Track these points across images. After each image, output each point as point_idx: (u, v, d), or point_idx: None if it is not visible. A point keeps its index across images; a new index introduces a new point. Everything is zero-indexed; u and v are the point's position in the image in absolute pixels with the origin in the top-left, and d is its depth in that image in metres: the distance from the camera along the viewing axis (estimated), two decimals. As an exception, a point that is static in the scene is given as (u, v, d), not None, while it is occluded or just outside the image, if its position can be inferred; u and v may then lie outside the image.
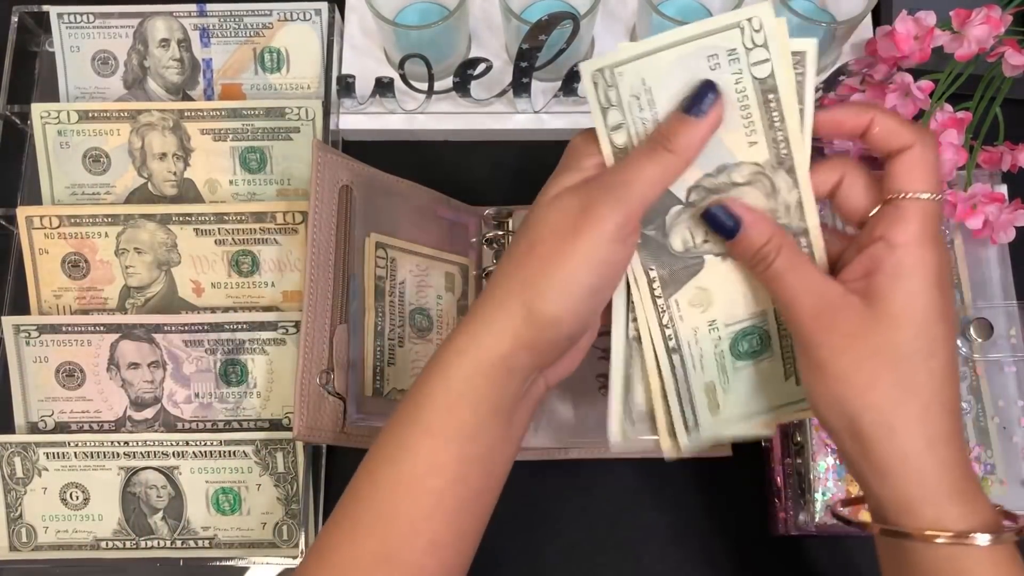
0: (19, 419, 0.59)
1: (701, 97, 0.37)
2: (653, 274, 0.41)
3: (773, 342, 0.42)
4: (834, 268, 0.40)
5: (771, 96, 0.37)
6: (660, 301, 0.41)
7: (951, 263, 0.37)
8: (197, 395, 0.59)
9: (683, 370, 0.43)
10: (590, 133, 0.40)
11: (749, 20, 0.36)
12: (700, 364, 0.43)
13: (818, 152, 0.62)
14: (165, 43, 0.64)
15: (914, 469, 0.36)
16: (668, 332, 0.42)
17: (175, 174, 0.62)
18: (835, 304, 0.37)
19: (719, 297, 0.42)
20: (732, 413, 0.43)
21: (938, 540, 0.35)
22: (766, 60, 0.37)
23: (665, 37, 0.36)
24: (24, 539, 0.57)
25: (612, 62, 0.37)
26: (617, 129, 0.39)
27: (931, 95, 0.57)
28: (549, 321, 0.38)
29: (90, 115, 0.61)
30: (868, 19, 0.63)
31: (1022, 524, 0.36)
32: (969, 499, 0.36)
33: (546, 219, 0.38)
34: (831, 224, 0.43)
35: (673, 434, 0.44)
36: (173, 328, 0.58)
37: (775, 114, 0.38)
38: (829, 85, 0.60)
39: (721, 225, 0.39)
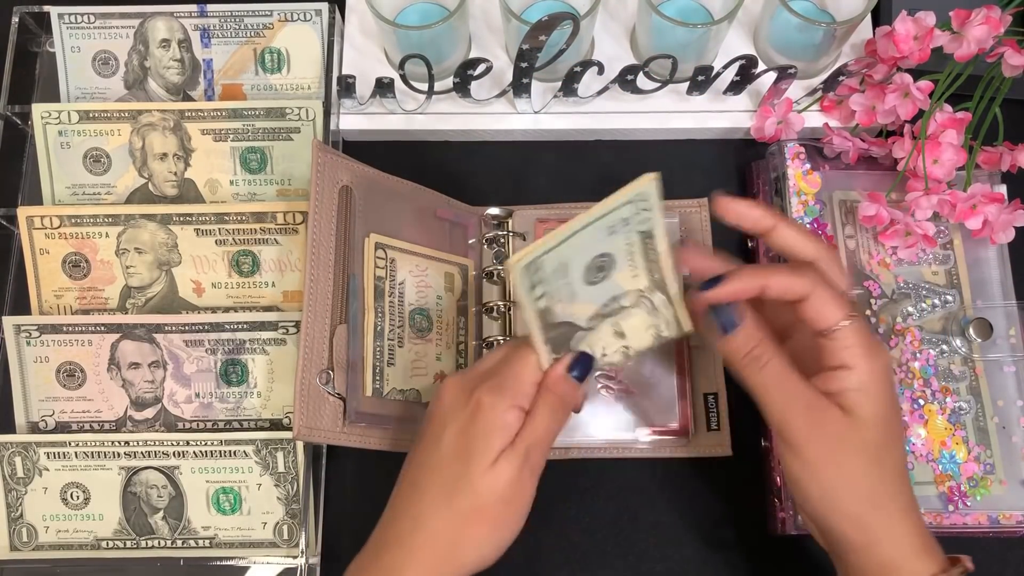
0: (20, 419, 0.59)
1: (581, 365, 0.47)
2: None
3: None
4: (804, 367, 0.45)
5: (648, 242, 0.45)
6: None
7: (889, 355, 0.46)
8: (198, 395, 0.59)
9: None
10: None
11: (639, 198, 0.43)
12: None
13: (817, 152, 0.62)
14: (166, 43, 0.64)
15: (898, 535, 0.43)
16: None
17: (176, 174, 0.62)
18: (823, 411, 0.44)
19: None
20: None
21: None
22: (649, 220, 0.44)
23: (574, 227, 0.43)
24: (25, 539, 0.58)
25: (536, 255, 0.43)
26: (543, 299, 0.45)
27: (930, 95, 0.57)
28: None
29: (91, 115, 0.61)
30: (868, 19, 0.63)
31: (966, 562, 0.44)
32: (934, 553, 0.44)
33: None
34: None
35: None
36: (174, 328, 0.58)
37: (651, 255, 0.46)
38: (829, 85, 0.60)
39: (725, 321, 0.45)
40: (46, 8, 0.64)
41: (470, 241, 0.62)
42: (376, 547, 0.46)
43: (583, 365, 0.47)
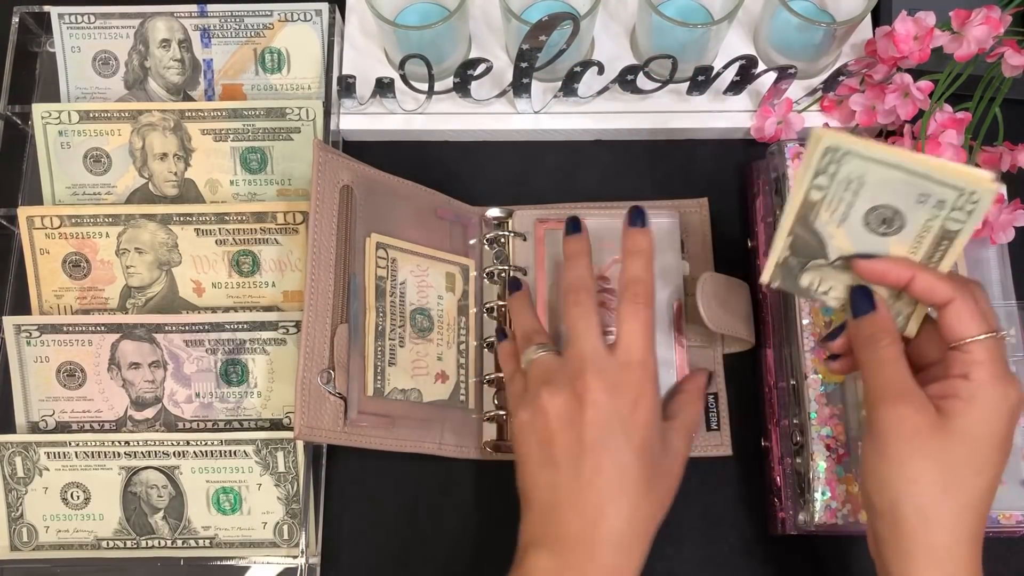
0: (20, 419, 0.59)
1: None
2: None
3: None
4: (922, 375, 0.46)
5: (944, 242, 0.45)
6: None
7: (1022, 394, 0.43)
8: (198, 395, 0.59)
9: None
10: None
11: (972, 193, 0.42)
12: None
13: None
14: (166, 43, 0.64)
15: (937, 561, 0.42)
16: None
17: (176, 174, 0.62)
18: (914, 403, 0.43)
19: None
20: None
21: None
22: (962, 222, 0.44)
23: (898, 158, 0.43)
24: (25, 538, 0.58)
25: (851, 150, 0.43)
26: (818, 189, 0.45)
27: (930, 95, 0.57)
28: None
29: (91, 115, 0.61)
30: (868, 19, 0.63)
31: None
32: None
33: None
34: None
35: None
36: (174, 328, 0.58)
37: (939, 253, 0.45)
38: (829, 85, 0.61)
39: (860, 303, 0.46)
40: (46, 8, 0.64)
41: (471, 241, 0.62)
42: (584, 550, 0.46)
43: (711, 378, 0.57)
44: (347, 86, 0.62)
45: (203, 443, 0.57)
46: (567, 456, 0.47)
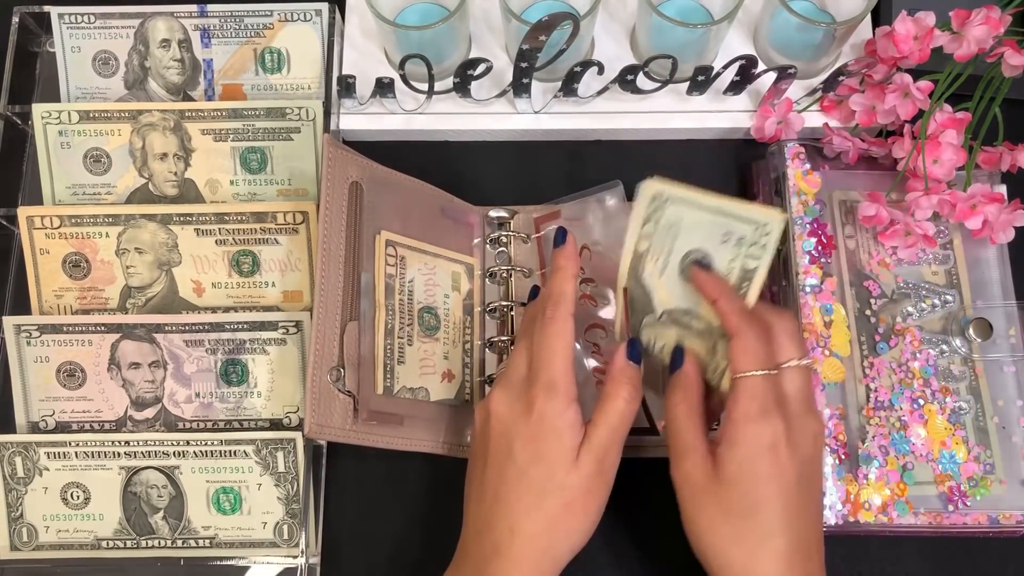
0: (20, 419, 0.59)
1: (634, 349, 0.50)
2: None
3: None
4: None
5: (745, 283, 0.48)
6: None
7: (777, 430, 0.45)
8: (198, 395, 0.59)
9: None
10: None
11: (764, 224, 0.47)
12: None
13: (817, 152, 0.62)
14: (166, 43, 0.64)
15: None
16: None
17: (176, 174, 0.62)
18: (695, 460, 0.46)
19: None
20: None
21: None
22: (758, 258, 0.47)
23: (710, 202, 0.48)
24: (25, 539, 0.58)
25: (672, 195, 0.48)
26: (646, 238, 0.49)
27: (930, 95, 0.57)
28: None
29: (91, 115, 0.61)
30: (868, 19, 0.64)
31: None
32: None
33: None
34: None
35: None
36: (174, 328, 0.58)
37: (741, 293, 0.48)
38: (829, 85, 0.61)
39: (674, 360, 0.49)
40: (46, 8, 0.64)
41: (475, 241, 0.62)
42: (474, 560, 0.47)
43: (635, 349, 0.50)
44: (347, 86, 0.62)
45: (203, 443, 0.57)
46: (473, 468, 0.50)
